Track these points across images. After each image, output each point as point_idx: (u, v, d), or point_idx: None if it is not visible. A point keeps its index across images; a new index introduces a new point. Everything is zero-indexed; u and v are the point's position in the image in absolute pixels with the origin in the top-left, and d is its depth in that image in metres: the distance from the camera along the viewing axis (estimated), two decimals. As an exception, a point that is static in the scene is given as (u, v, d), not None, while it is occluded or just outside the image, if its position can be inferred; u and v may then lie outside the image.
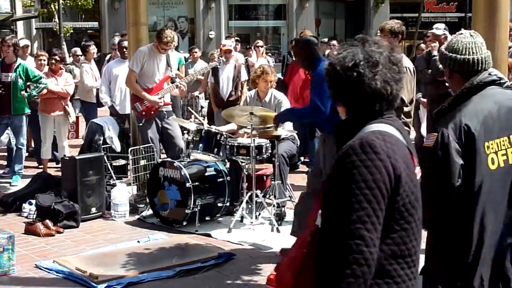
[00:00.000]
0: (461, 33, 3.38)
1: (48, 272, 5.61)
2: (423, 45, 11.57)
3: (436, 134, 3.11)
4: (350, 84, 2.36)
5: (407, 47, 30.85)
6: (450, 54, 3.31)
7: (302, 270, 2.31)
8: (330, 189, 2.27)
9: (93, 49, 11.40)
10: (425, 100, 8.99)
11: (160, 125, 8.08)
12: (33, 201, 7.33)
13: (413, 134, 8.68)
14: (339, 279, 2.12)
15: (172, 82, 8.28)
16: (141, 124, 8.03)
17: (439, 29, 8.91)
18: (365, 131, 2.34)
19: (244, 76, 10.21)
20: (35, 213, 7.22)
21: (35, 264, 5.81)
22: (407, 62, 6.93)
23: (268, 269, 5.65)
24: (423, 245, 4.18)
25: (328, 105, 5.60)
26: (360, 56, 2.36)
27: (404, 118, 6.88)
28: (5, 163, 10.39)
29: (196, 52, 13.43)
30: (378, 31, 7.07)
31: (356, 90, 2.36)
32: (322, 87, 5.48)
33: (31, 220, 7.08)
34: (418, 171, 2.44)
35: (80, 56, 11.80)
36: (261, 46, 12.78)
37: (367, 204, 2.17)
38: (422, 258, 3.86)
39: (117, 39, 11.78)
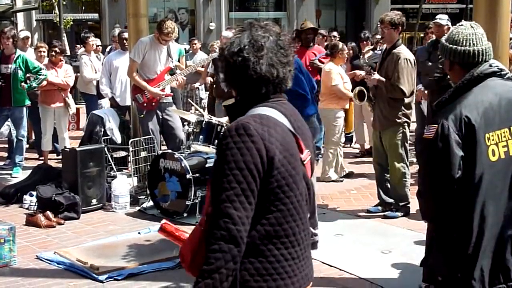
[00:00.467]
0: (462, 25, 3.37)
1: (49, 264, 5.63)
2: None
3: (436, 125, 3.11)
4: (236, 68, 2.43)
5: (408, 39, 30.77)
6: (451, 45, 3.30)
7: (199, 247, 2.40)
8: (213, 169, 2.37)
9: (92, 40, 11.36)
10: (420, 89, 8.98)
11: (160, 117, 8.09)
12: (34, 193, 7.34)
13: (413, 126, 8.67)
14: (208, 255, 2.23)
15: (172, 74, 8.27)
16: (142, 116, 8.03)
17: (443, 19, 8.89)
18: (248, 114, 2.40)
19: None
20: (36, 204, 7.22)
21: (36, 256, 5.82)
22: (407, 54, 6.93)
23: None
24: (424, 237, 4.18)
25: (308, 90, 5.76)
26: (246, 41, 2.43)
27: (404, 110, 6.89)
28: (5, 154, 10.39)
29: (196, 44, 13.41)
30: (379, 23, 7.07)
31: (242, 74, 2.43)
32: (300, 77, 5.64)
33: (32, 211, 7.10)
34: (306, 154, 2.48)
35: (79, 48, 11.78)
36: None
37: (236, 184, 2.25)
38: (422, 250, 3.87)
39: (117, 31, 11.75)
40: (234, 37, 2.46)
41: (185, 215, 6.92)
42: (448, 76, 3.66)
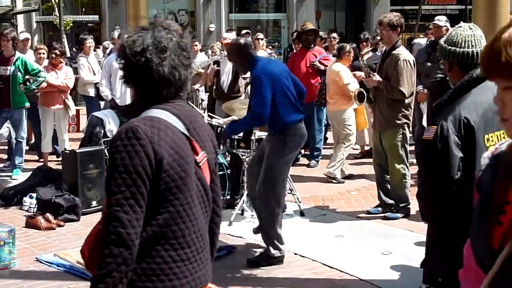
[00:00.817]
0: (460, 26, 3.38)
1: (49, 266, 5.62)
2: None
3: (436, 126, 3.11)
4: (138, 69, 2.40)
5: (407, 40, 30.79)
6: (450, 47, 3.30)
7: (97, 244, 2.40)
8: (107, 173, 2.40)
9: (89, 42, 11.35)
10: (423, 91, 8.98)
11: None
12: (34, 195, 7.34)
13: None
14: (101, 259, 2.24)
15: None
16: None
17: (441, 20, 8.90)
18: (141, 116, 2.40)
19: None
20: (36, 206, 7.22)
21: (36, 258, 5.82)
22: (407, 55, 6.94)
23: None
24: (424, 238, 4.18)
25: (267, 110, 5.51)
26: (149, 41, 2.39)
27: (404, 111, 6.89)
28: (5, 156, 10.39)
29: (196, 45, 13.41)
30: (378, 25, 7.07)
31: (144, 75, 2.40)
32: (261, 92, 5.49)
33: (32, 213, 7.09)
34: (201, 156, 2.47)
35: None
36: (262, 39, 12.76)
37: (125, 187, 2.25)
38: (423, 251, 3.88)
39: (116, 33, 11.74)
40: (136, 35, 2.42)
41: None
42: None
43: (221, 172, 7.09)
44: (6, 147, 10.46)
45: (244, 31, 14.20)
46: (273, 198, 5.65)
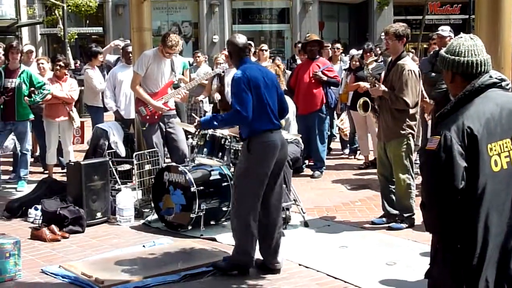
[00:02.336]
0: (461, 37, 3.39)
1: (54, 277, 5.63)
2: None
3: (439, 137, 3.12)
4: None
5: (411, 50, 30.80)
6: (453, 57, 3.31)
7: None
8: None
9: (101, 57, 11.39)
10: (430, 102, 8.98)
11: (164, 129, 8.10)
12: (39, 207, 7.35)
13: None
14: None
15: (176, 88, 8.30)
16: (144, 128, 8.05)
17: (445, 30, 8.93)
18: None
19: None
20: (41, 218, 7.23)
21: (41, 269, 5.82)
22: (412, 65, 6.95)
23: (273, 273, 5.65)
24: (428, 248, 4.18)
25: (249, 109, 5.44)
26: None
27: (408, 121, 6.90)
28: (10, 168, 10.42)
29: (199, 56, 13.45)
30: (383, 34, 7.09)
31: None
32: (240, 93, 5.44)
33: (37, 225, 7.10)
34: None
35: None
36: (266, 50, 12.81)
37: None
38: (427, 261, 3.86)
39: (122, 43, 11.76)
40: None
41: (189, 228, 6.91)
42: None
43: (225, 183, 7.10)
44: (11, 159, 10.49)
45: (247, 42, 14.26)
46: (241, 208, 5.59)
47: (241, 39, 5.83)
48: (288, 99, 8.01)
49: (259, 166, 5.55)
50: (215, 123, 5.84)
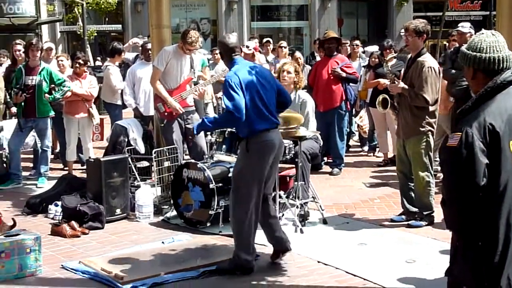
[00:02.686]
0: (483, 33, 3.37)
1: (74, 273, 5.66)
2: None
3: (460, 133, 3.10)
4: None
5: (431, 46, 30.64)
6: (474, 53, 3.29)
7: None
8: None
9: (123, 55, 11.43)
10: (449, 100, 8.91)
11: (183, 126, 8.13)
12: (59, 203, 7.40)
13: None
14: None
15: (195, 84, 8.31)
16: (163, 125, 8.08)
17: (465, 27, 8.86)
18: None
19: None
20: (61, 214, 7.28)
21: (62, 265, 5.86)
22: (432, 62, 6.90)
23: (292, 270, 5.65)
24: (448, 246, 4.15)
25: (241, 110, 5.39)
26: None
27: (428, 118, 6.85)
28: (31, 165, 10.50)
29: (217, 53, 13.43)
30: (402, 30, 7.05)
31: None
32: (232, 94, 5.39)
33: (57, 221, 7.15)
34: None
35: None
36: (285, 47, 12.80)
37: None
38: (447, 259, 3.84)
39: (141, 41, 11.79)
40: None
41: (208, 224, 6.93)
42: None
43: (244, 180, 7.09)
44: (31, 156, 10.57)
45: (265, 39, 14.24)
46: (239, 208, 5.58)
47: (231, 39, 5.80)
48: (307, 95, 8.02)
49: (257, 165, 5.55)
50: (209, 125, 5.84)
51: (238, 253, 5.63)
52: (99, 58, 24.43)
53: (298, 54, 11.98)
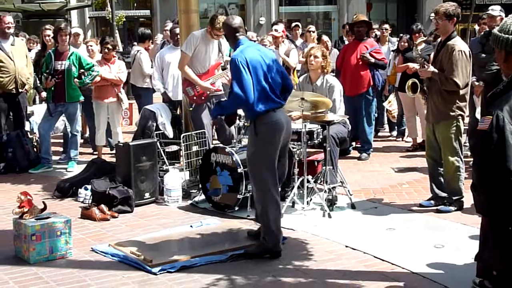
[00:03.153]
0: (515, 15, 3.32)
1: (104, 256, 5.72)
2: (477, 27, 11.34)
3: (491, 117, 3.06)
4: None
5: (461, 30, 30.23)
6: (507, 35, 3.24)
7: None
8: None
9: (151, 42, 11.45)
10: (479, 84, 8.82)
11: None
12: (89, 187, 7.48)
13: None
14: None
15: (223, 69, 8.32)
16: (191, 109, 8.10)
17: (495, 10, 8.73)
18: None
19: (293, 60, 10.15)
20: (91, 198, 7.36)
21: (91, 248, 5.93)
22: (462, 46, 6.82)
23: (320, 255, 5.66)
24: (478, 231, 4.13)
25: (249, 91, 5.43)
26: None
27: (458, 103, 6.78)
28: (61, 149, 10.60)
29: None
30: (432, 14, 6.96)
31: None
32: (240, 75, 5.41)
33: (87, 205, 7.23)
34: None
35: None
36: (313, 31, 12.73)
37: None
38: (476, 244, 3.82)
39: (169, 25, 11.82)
40: None
41: (236, 208, 6.95)
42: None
43: (272, 165, 7.09)
44: (61, 141, 10.67)
45: (294, 24, 14.16)
46: (259, 192, 5.63)
47: (235, 20, 5.84)
48: (334, 79, 7.98)
49: (267, 147, 5.58)
50: (220, 110, 5.90)
51: (265, 236, 5.64)
52: (135, 43, 24.52)
53: (325, 38, 11.87)
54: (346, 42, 11.97)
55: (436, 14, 6.83)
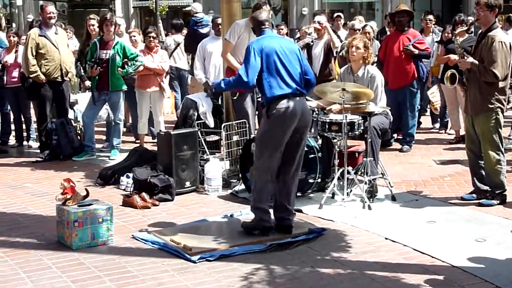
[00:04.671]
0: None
1: (144, 243, 5.79)
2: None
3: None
4: None
5: (506, 19, 29.66)
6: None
7: None
8: None
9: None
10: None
11: (255, 100, 8.18)
12: (130, 175, 7.57)
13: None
14: None
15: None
16: (235, 98, 8.12)
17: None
18: None
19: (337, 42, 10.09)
20: (132, 186, 7.45)
21: (132, 235, 6.00)
22: (503, 37, 6.70)
23: (359, 246, 5.64)
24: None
25: (251, 76, 5.69)
26: None
27: (497, 95, 6.67)
28: (104, 138, 10.75)
29: (282, 29, 13.35)
30: (475, 5, 6.86)
31: None
32: (248, 60, 5.71)
33: (129, 192, 7.32)
34: None
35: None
36: (341, 17, 12.68)
37: None
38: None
39: (210, 17, 11.90)
40: None
41: (276, 198, 6.97)
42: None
43: (312, 155, 7.10)
44: (105, 129, 10.82)
45: (336, 14, 14.07)
46: (258, 169, 5.90)
47: (262, 13, 6.22)
48: (375, 69, 7.90)
49: (276, 130, 5.76)
50: (222, 86, 6.20)
51: (254, 206, 5.91)
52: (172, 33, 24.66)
53: (368, 28, 11.67)
54: (388, 33, 11.84)
55: (477, 4, 6.72)
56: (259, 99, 8.10)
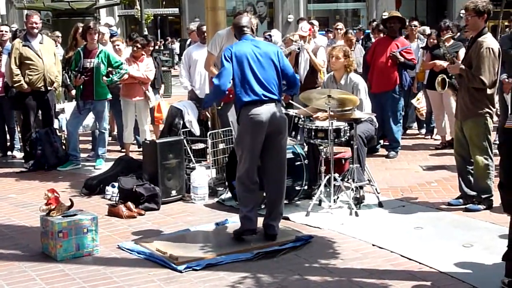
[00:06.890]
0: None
1: (130, 253, 5.75)
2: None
3: (519, 114, 3.02)
4: None
5: (491, 27, 29.88)
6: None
7: None
8: None
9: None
10: (509, 81, 8.71)
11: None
12: (116, 184, 7.52)
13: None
14: None
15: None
16: (220, 107, 8.09)
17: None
18: None
19: (321, 57, 10.12)
20: (118, 195, 7.40)
21: (118, 245, 5.95)
22: (491, 43, 6.71)
23: (346, 253, 5.62)
24: (507, 230, 4.07)
25: (223, 81, 5.78)
26: None
27: (486, 100, 6.67)
28: (89, 147, 10.69)
29: (267, 37, 13.35)
30: (462, 11, 6.88)
31: None
32: (222, 65, 5.84)
33: (114, 202, 7.27)
34: None
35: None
36: (341, 29, 12.64)
37: None
38: (505, 244, 3.77)
39: (191, 26, 11.88)
40: None
41: (262, 206, 6.92)
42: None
43: (298, 162, 7.08)
44: (90, 138, 10.75)
45: (336, 25, 14.01)
46: (238, 172, 5.98)
47: (242, 19, 6.26)
48: (358, 77, 7.89)
49: (246, 136, 5.85)
50: (206, 101, 6.49)
51: (239, 214, 6.03)
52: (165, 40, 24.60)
53: (350, 34, 11.66)
54: (373, 40, 11.87)
55: (466, 10, 6.73)
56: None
